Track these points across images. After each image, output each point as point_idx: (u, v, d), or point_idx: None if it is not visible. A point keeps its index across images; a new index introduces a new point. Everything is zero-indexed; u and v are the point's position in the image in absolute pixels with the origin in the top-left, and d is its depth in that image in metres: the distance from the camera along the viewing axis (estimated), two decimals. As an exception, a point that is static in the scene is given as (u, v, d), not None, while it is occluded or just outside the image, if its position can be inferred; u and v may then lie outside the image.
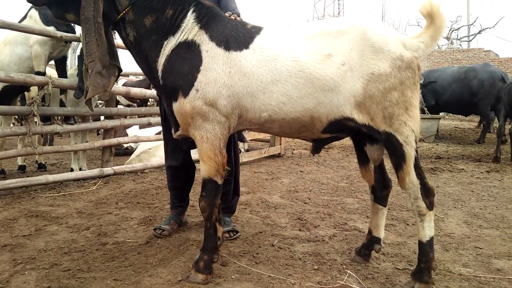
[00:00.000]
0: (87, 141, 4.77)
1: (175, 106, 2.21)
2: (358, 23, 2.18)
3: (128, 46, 2.32)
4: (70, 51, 6.02)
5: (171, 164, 3.02)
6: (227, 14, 2.39)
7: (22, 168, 5.01)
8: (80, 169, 4.71)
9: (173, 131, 2.38)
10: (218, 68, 2.14)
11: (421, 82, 7.68)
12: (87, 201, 3.82)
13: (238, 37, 2.21)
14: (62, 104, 4.46)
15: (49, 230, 2.99)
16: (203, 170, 2.23)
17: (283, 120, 2.16)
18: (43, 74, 4.05)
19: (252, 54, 2.15)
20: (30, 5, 4.20)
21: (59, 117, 4.43)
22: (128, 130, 6.73)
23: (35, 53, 4.00)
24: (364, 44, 2.08)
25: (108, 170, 4.65)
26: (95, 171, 4.55)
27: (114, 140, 4.80)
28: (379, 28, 2.15)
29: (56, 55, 4.24)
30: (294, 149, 7.79)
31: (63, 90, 4.42)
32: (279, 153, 6.89)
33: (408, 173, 2.13)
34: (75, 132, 4.60)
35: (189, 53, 2.17)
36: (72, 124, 4.34)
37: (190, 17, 2.24)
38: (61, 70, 4.33)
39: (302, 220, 3.33)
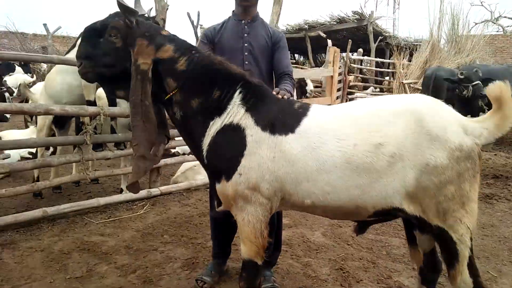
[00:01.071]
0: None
1: (218, 186, 2.21)
2: (413, 105, 2.04)
3: (174, 122, 2.33)
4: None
5: (214, 216, 3.05)
6: (274, 92, 2.32)
7: (76, 182, 5.28)
8: (129, 189, 4.88)
9: (216, 204, 2.38)
10: (262, 153, 2.10)
11: (480, 74, 7.11)
12: (135, 230, 3.97)
13: (284, 120, 2.15)
14: (112, 129, 4.61)
15: (99, 271, 3.15)
16: (243, 251, 2.23)
17: (326, 207, 2.11)
18: (93, 102, 4.19)
19: (297, 139, 2.08)
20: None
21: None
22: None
23: (84, 83, 4.14)
24: (420, 132, 1.94)
25: (155, 191, 4.79)
26: (143, 193, 4.71)
27: (161, 162, 4.93)
28: (437, 111, 2.00)
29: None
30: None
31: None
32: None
33: (461, 272, 2.01)
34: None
35: (233, 137, 2.15)
36: (122, 150, 4.48)
37: (237, 98, 2.21)
38: (111, 98, 4.45)
39: (344, 271, 3.27)
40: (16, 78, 14.34)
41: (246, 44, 2.80)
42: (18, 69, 16.91)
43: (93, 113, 3.99)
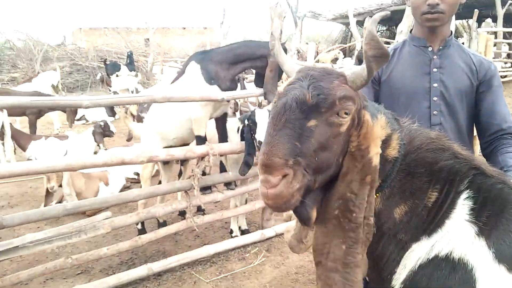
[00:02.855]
0: (246, 200, 4.25)
1: None
2: None
3: None
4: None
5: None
6: None
7: (182, 214, 4.80)
8: (239, 228, 4.24)
9: None
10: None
11: None
12: (251, 295, 3.30)
13: None
14: (221, 166, 3.95)
15: None
16: None
17: None
18: (204, 139, 3.54)
19: None
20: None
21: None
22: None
23: (195, 117, 3.50)
24: None
25: (269, 232, 4.09)
26: (256, 236, 4.03)
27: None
28: None
29: (218, 114, 3.70)
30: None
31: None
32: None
33: None
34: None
35: (452, 279, 1.21)
36: (233, 189, 3.82)
37: (462, 207, 1.26)
38: (222, 128, 3.79)
39: None
40: (122, 79, 14.86)
41: (435, 85, 1.81)
42: (123, 68, 17.61)
43: (201, 154, 3.35)
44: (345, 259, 1.23)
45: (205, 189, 3.68)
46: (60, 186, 4.76)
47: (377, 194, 1.30)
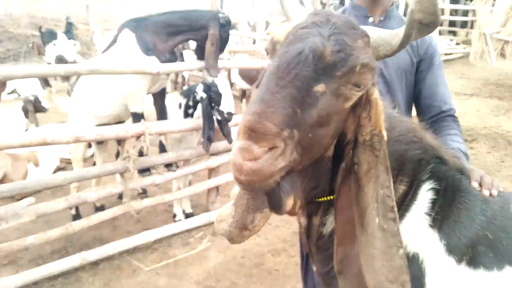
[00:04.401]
0: (190, 181, 4.01)
1: None
2: None
3: (309, 238, 1.35)
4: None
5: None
6: (474, 181, 1.23)
7: (122, 197, 4.49)
8: (183, 212, 4.02)
9: None
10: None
11: None
12: (195, 282, 3.14)
13: (496, 240, 1.12)
14: (161, 146, 3.67)
15: None
16: None
17: None
18: (140, 116, 3.24)
19: None
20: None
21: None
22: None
23: (130, 91, 3.17)
24: None
25: (214, 215, 3.88)
26: (201, 219, 3.85)
27: (221, 180, 3.98)
28: None
29: (156, 89, 3.39)
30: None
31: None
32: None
33: None
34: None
35: None
36: (174, 171, 3.57)
37: (423, 198, 1.16)
38: (160, 105, 3.48)
39: None
40: (59, 49, 13.75)
41: None
42: (61, 35, 16.30)
43: (136, 134, 3.06)
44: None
45: (144, 171, 3.42)
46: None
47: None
